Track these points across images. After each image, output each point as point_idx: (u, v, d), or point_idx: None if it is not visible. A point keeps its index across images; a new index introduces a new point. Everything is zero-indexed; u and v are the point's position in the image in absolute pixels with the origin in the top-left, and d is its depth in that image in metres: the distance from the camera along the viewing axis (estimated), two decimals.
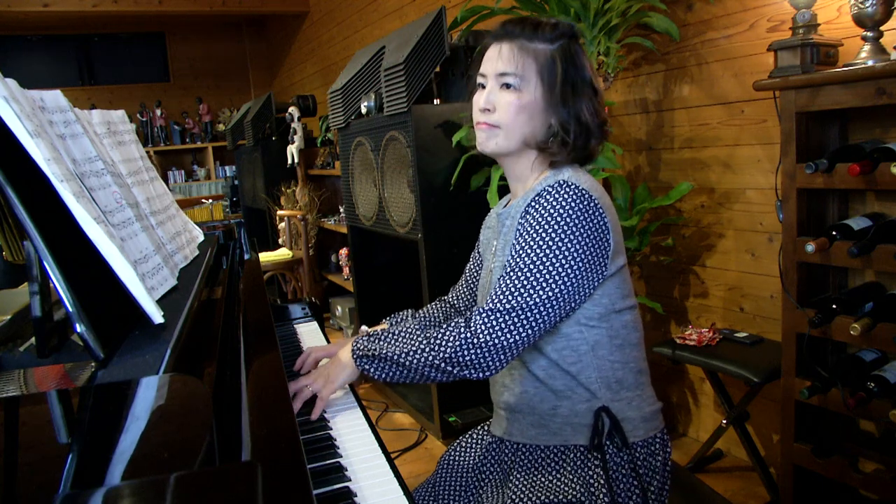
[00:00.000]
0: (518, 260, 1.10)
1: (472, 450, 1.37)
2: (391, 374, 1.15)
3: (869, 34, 1.70)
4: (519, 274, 1.09)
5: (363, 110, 2.97)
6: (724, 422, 2.22)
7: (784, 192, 1.80)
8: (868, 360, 1.71)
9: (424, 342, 1.11)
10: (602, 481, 1.15)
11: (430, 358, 1.10)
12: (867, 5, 1.66)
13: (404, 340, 1.15)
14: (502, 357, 1.08)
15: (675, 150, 2.53)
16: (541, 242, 1.08)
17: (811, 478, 1.88)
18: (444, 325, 1.12)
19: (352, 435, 1.16)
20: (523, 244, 1.10)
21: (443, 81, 2.89)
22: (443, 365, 1.09)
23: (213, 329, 1.03)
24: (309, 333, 1.74)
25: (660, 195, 2.52)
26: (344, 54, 5.28)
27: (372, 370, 1.16)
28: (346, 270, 4.46)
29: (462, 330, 1.09)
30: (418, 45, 2.61)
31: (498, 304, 1.08)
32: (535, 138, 1.18)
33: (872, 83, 1.57)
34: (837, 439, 1.88)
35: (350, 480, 1.00)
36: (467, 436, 1.42)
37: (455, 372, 1.10)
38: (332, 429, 1.18)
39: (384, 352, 1.14)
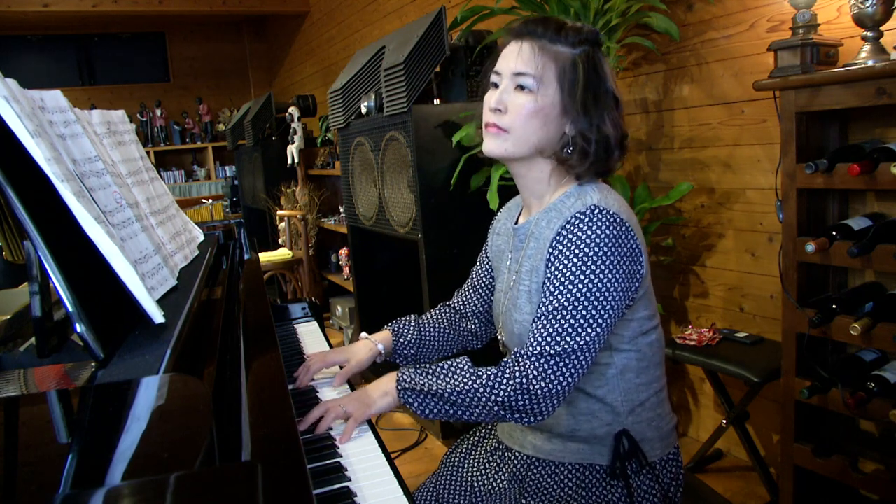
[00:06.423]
0: (561, 297, 1.05)
1: (478, 452, 1.35)
2: (436, 410, 1.09)
3: (869, 34, 1.70)
4: (565, 314, 1.05)
5: (363, 110, 2.97)
6: (724, 422, 2.22)
7: (784, 192, 1.79)
8: (868, 360, 1.71)
9: (478, 383, 1.07)
10: (626, 502, 1.15)
11: (484, 399, 1.06)
12: (867, 5, 1.66)
13: (455, 378, 1.09)
14: (556, 402, 1.05)
15: (675, 150, 2.53)
16: (582, 277, 1.05)
17: (811, 478, 1.88)
18: (498, 367, 1.08)
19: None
20: (563, 280, 1.06)
21: (443, 81, 2.89)
22: (496, 409, 1.06)
23: (213, 329, 1.03)
24: (309, 333, 1.73)
25: (660, 195, 2.52)
26: (344, 54, 5.28)
27: (416, 405, 1.10)
28: (346, 270, 4.45)
29: (517, 375, 1.04)
30: (418, 45, 2.61)
31: (547, 348, 1.04)
32: (548, 147, 1.13)
33: (872, 83, 1.57)
34: (837, 439, 1.88)
35: (350, 480, 1.00)
36: (470, 435, 1.41)
37: (507, 416, 1.06)
38: (332, 429, 1.17)
39: (433, 388, 1.08)
